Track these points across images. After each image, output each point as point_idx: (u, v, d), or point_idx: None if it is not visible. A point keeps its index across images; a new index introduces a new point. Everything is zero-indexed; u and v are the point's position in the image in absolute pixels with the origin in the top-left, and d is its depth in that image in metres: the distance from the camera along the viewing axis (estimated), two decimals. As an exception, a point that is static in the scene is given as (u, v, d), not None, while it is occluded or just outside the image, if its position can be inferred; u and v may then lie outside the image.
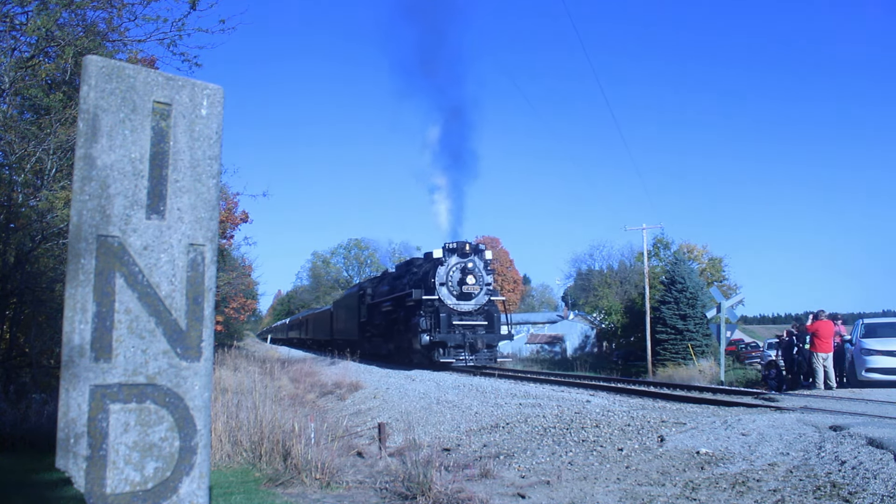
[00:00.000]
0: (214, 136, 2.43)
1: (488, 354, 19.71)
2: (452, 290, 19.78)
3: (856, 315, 20.90)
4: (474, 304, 19.95)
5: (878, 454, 5.72)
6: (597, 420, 8.72)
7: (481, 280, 20.08)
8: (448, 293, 19.73)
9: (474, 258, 20.22)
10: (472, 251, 20.35)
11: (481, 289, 20.10)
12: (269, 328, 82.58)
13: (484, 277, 20.21)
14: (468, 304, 19.85)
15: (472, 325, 19.72)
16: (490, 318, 20.19)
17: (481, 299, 20.11)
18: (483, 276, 20.17)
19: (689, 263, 38.96)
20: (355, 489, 5.71)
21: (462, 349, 19.23)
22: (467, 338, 19.32)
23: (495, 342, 20.22)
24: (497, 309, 20.80)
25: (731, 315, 20.24)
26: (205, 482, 2.26)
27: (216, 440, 6.68)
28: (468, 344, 19.32)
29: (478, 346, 19.47)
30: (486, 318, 20.14)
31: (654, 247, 45.34)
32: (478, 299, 20.04)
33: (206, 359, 2.32)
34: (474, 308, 19.96)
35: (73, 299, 2.06)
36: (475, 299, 19.97)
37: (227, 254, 24.30)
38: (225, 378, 11.69)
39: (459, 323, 19.55)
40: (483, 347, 19.59)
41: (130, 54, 9.57)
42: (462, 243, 20.36)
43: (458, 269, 19.84)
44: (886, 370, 12.66)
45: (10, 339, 10.47)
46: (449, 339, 19.05)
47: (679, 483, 5.84)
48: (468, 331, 19.54)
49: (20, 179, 9.35)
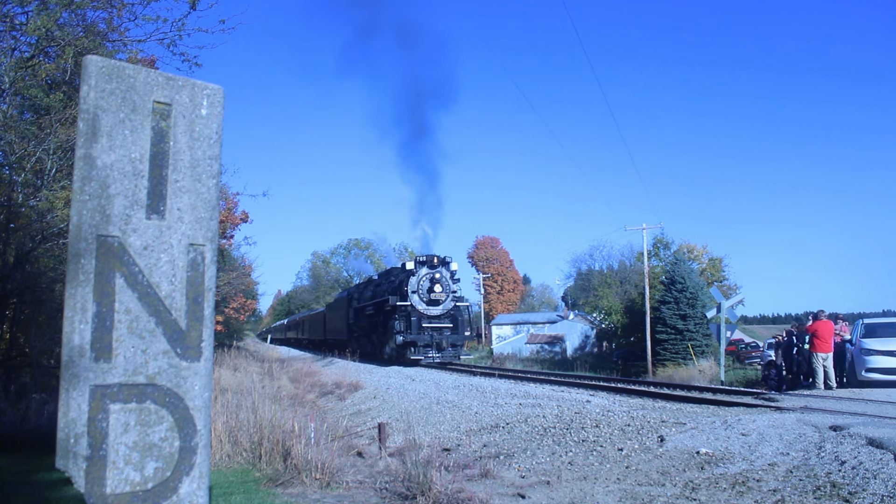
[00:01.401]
0: (214, 136, 2.43)
1: (453, 352, 22.91)
2: (423, 297, 22.69)
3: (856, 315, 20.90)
4: (441, 309, 22.91)
5: (878, 454, 5.71)
6: (597, 420, 8.72)
7: (447, 288, 23.03)
8: (419, 299, 22.66)
9: (441, 269, 23.19)
10: (440, 263, 23.31)
11: (448, 296, 23.05)
12: (268, 328, 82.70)
13: (450, 286, 23.15)
14: (436, 309, 22.82)
15: (440, 327, 22.79)
16: (455, 320, 23.26)
17: (448, 305, 23.04)
18: (449, 285, 23.13)
19: (689, 263, 38.97)
20: (355, 489, 5.71)
21: (430, 348, 22.33)
22: (434, 338, 22.39)
23: (459, 342, 23.31)
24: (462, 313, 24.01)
25: (731, 315, 20.24)
26: (205, 482, 2.26)
27: (216, 440, 6.68)
28: (435, 343, 22.40)
29: (443, 345, 22.57)
30: (452, 321, 23.19)
31: (654, 247, 45.40)
32: (444, 305, 22.96)
33: (206, 359, 2.32)
34: (442, 312, 22.89)
35: (73, 299, 2.06)
36: (442, 305, 22.93)
37: (227, 254, 24.28)
38: (225, 378, 11.69)
39: (429, 325, 22.60)
40: (448, 346, 22.72)
41: (130, 54, 9.56)
42: (431, 256, 23.40)
43: (427, 278, 22.76)
44: (886, 370, 12.65)
45: (10, 339, 10.48)
46: (419, 339, 22.17)
47: (679, 483, 5.84)
48: (436, 332, 22.59)
49: (20, 179, 9.35)
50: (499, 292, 77.40)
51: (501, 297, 77.49)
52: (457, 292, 23.54)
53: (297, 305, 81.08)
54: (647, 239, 39.29)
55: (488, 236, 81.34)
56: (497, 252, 79.72)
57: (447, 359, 22.64)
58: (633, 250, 49.45)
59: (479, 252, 79.17)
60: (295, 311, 75.99)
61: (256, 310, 57.18)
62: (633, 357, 39.45)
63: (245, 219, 22.71)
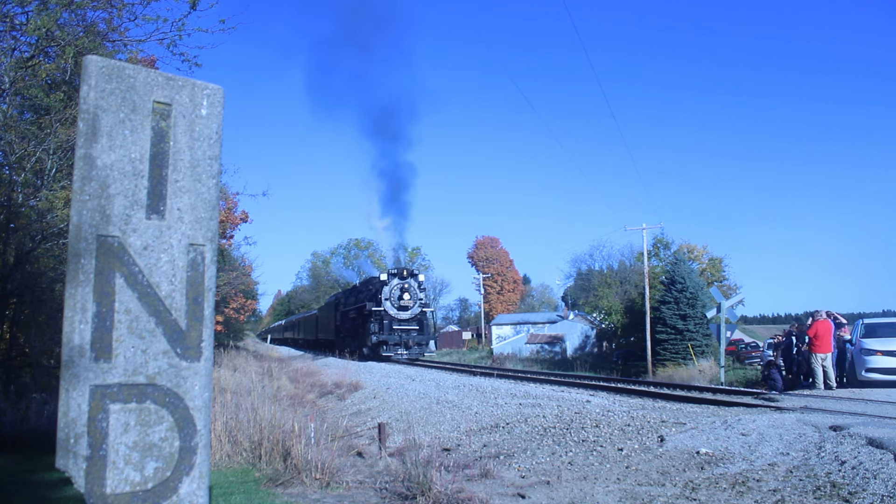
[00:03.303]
0: (214, 136, 2.43)
1: (418, 350, 27.63)
2: (394, 303, 26.94)
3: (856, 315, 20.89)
4: (410, 314, 27.16)
5: (878, 454, 5.71)
6: (597, 420, 8.72)
7: (415, 296, 27.35)
8: (391, 305, 26.88)
9: (410, 280, 27.43)
10: (409, 275, 27.57)
11: (415, 303, 27.34)
12: (268, 329, 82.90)
13: (417, 294, 27.44)
14: (405, 314, 27.06)
15: (408, 329, 27.14)
16: (421, 323, 27.64)
17: (415, 310, 27.36)
18: (416, 294, 27.41)
19: (689, 263, 38.92)
20: (355, 489, 5.71)
21: (399, 346, 26.77)
22: (403, 338, 26.89)
23: (424, 342, 27.97)
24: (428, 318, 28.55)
25: (731, 315, 20.22)
26: (205, 482, 2.26)
27: (216, 440, 6.67)
28: (403, 342, 26.88)
29: (410, 344, 27.05)
30: (419, 324, 27.52)
31: (654, 247, 45.35)
32: (412, 310, 27.26)
33: (206, 359, 2.32)
34: (410, 317, 27.17)
35: (73, 299, 2.06)
36: (410, 310, 27.20)
37: (227, 254, 24.28)
38: (225, 378, 11.69)
39: (399, 328, 26.90)
40: (414, 345, 27.26)
41: (130, 54, 9.56)
42: (401, 269, 27.86)
43: (398, 288, 27.02)
44: (886, 370, 12.64)
45: (10, 339, 10.48)
46: (390, 338, 26.62)
47: (679, 483, 5.84)
48: (404, 333, 26.98)
49: (20, 179, 9.35)
50: (499, 292, 77.42)
51: (501, 297, 77.50)
52: (423, 300, 27.70)
53: (296, 305, 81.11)
54: (647, 239, 39.30)
55: (488, 236, 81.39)
56: (497, 252, 79.72)
57: (413, 356, 27.04)
58: (633, 250, 49.44)
59: (479, 252, 79.19)
60: (295, 311, 76.16)
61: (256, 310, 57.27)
62: (633, 357, 39.41)
63: (245, 219, 22.68)
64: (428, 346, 29.08)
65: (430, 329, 29.24)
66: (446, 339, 65.22)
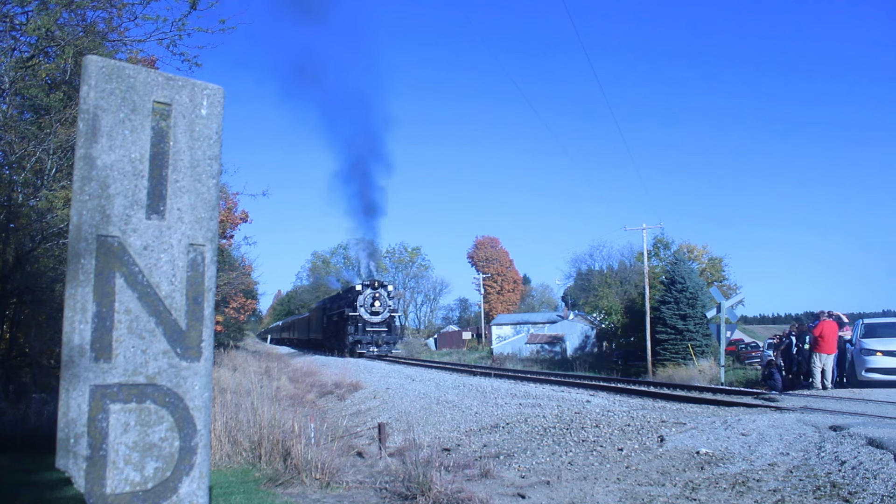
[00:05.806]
0: (214, 136, 2.43)
1: (387, 348, 33.16)
2: (367, 309, 32.62)
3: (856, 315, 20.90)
4: (380, 318, 32.88)
5: (878, 454, 5.72)
6: (597, 420, 8.72)
7: (385, 303, 33.10)
8: (365, 311, 32.54)
9: (381, 290, 33.25)
10: (380, 285, 33.49)
11: (385, 309, 33.08)
12: (267, 329, 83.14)
13: (387, 302, 33.25)
14: (377, 318, 32.77)
15: (378, 331, 32.78)
16: (390, 326, 33.37)
17: (385, 315, 33.11)
18: (386, 301, 33.22)
19: (689, 263, 38.92)
20: (355, 489, 5.71)
21: (371, 345, 32.35)
22: (374, 338, 32.58)
23: (392, 341, 33.71)
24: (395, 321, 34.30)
25: (730, 315, 20.23)
26: (205, 482, 2.26)
27: (216, 440, 6.67)
28: (374, 342, 32.47)
29: (380, 343, 32.68)
30: (388, 326, 33.22)
31: (654, 247, 45.36)
32: (382, 315, 32.96)
33: (206, 359, 2.32)
34: (380, 320, 32.85)
35: (73, 299, 2.06)
36: (381, 315, 32.90)
37: (227, 254, 24.28)
38: (224, 378, 11.70)
39: (371, 329, 32.54)
40: (384, 344, 32.90)
41: (130, 54, 9.55)
42: (373, 280, 34.22)
43: (370, 296, 32.91)
44: (886, 370, 12.64)
45: (10, 339, 10.47)
46: (363, 338, 32.32)
47: (679, 483, 5.84)
48: (375, 334, 32.66)
49: (20, 179, 9.35)
50: (499, 292, 77.44)
51: (501, 297, 77.53)
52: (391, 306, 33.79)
53: (297, 305, 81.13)
54: (647, 239, 39.30)
55: (488, 236, 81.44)
56: (497, 252, 79.75)
57: (383, 352, 32.55)
58: (633, 250, 49.45)
59: (479, 252, 79.21)
60: (295, 311, 76.31)
61: (256, 310, 57.35)
62: (633, 357, 39.40)
63: (245, 219, 22.67)
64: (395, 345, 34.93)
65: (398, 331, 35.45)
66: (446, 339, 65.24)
